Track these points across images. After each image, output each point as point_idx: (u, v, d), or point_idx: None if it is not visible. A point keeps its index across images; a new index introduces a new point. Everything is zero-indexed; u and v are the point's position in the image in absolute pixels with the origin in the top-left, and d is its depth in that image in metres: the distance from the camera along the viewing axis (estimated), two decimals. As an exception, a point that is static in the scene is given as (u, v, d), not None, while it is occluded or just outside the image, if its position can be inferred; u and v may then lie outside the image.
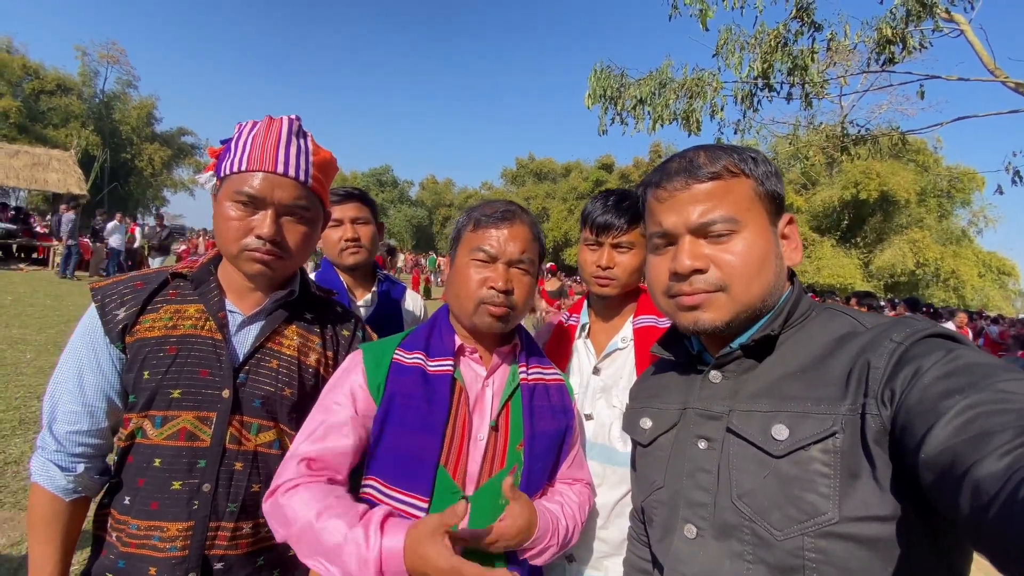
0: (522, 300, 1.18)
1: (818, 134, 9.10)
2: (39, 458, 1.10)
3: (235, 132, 1.19)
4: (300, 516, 0.97)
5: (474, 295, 1.14)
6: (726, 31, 6.86)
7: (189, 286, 1.18)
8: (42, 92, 33.77)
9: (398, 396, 1.11)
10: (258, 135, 1.14)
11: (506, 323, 1.17)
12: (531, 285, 1.20)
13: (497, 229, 1.17)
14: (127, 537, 1.07)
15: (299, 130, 1.20)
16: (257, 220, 1.13)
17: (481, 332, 1.19)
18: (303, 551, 0.97)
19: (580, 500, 1.23)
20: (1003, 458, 0.49)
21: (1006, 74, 6.52)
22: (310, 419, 1.12)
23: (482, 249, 1.16)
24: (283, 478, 1.05)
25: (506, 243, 1.16)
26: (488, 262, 1.16)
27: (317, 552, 0.95)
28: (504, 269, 1.15)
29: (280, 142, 1.15)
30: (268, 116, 1.19)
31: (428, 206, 55.68)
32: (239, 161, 1.13)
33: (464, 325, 1.21)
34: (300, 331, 1.24)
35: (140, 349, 1.10)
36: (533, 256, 1.21)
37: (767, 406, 0.79)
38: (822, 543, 0.69)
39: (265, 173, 1.12)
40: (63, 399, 1.10)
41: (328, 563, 0.94)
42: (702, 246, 0.86)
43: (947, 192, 27.52)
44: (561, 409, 1.24)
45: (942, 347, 0.67)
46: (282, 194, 1.14)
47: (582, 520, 1.21)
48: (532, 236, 1.22)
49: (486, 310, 1.14)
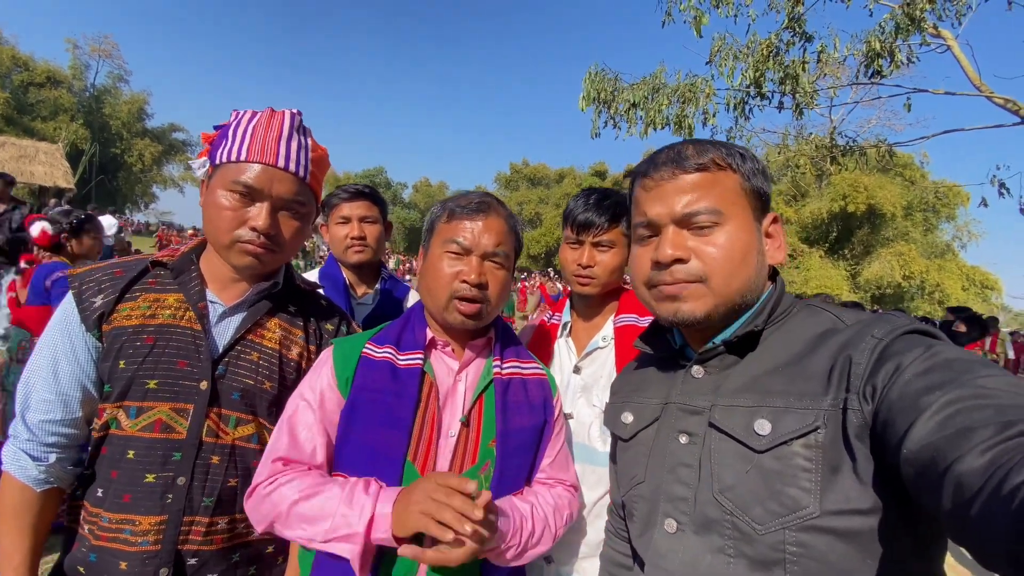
0: (496, 294, 1.15)
1: (808, 144, 9.21)
2: (10, 447, 1.07)
3: (232, 118, 1.17)
4: (286, 498, 0.98)
5: (446, 288, 1.12)
6: (719, 39, 6.93)
7: (169, 275, 1.16)
8: (31, 84, 33.31)
9: (366, 391, 1.09)
10: (259, 126, 1.13)
11: (479, 319, 1.15)
12: (506, 279, 1.18)
13: (471, 221, 1.15)
14: (99, 530, 1.05)
15: (300, 125, 1.19)
16: (253, 212, 1.11)
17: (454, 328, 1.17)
18: (289, 525, 0.98)
19: (557, 503, 1.16)
20: (984, 454, 0.50)
21: (991, 90, 6.64)
22: (284, 416, 1.11)
23: (455, 241, 1.14)
24: (261, 477, 1.04)
25: (480, 235, 1.14)
26: (461, 254, 1.14)
27: (302, 521, 0.96)
28: (478, 262, 1.13)
29: (282, 136, 1.14)
30: (270, 108, 1.17)
31: (421, 208, 55.64)
32: (238, 150, 1.11)
33: (436, 320, 1.19)
34: (282, 324, 1.23)
35: (116, 338, 1.08)
36: (508, 249, 1.19)
37: (749, 401, 0.79)
38: (803, 537, 0.70)
39: (265, 165, 1.11)
40: (37, 387, 1.08)
41: (316, 524, 0.95)
42: (685, 237, 0.86)
43: (933, 207, 27.95)
44: (540, 405, 1.21)
45: (922, 343, 0.68)
46: (281, 188, 1.13)
47: (556, 525, 1.13)
48: (508, 229, 1.19)
49: (456, 307, 1.12)
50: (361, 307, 2.02)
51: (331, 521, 0.94)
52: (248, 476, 1.13)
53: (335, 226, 2.00)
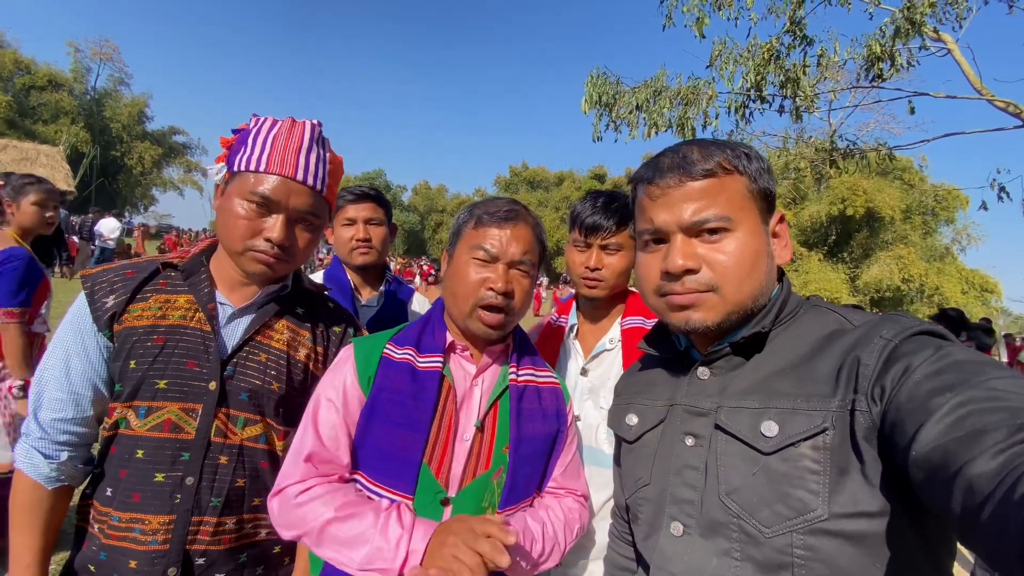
0: (520, 303, 1.16)
1: (808, 147, 9.22)
2: (23, 445, 1.08)
3: (252, 124, 1.17)
4: (320, 515, 0.98)
5: (472, 295, 1.12)
6: (720, 43, 6.95)
7: (179, 276, 1.17)
8: (33, 87, 33.42)
9: (385, 391, 1.09)
10: (279, 136, 1.13)
11: (502, 330, 1.15)
12: (530, 287, 1.18)
13: (500, 229, 1.15)
14: (109, 529, 1.05)
15: (319, 137, 1.19)
16: (269, 223, 1.12)
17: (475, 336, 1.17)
18: (321, 544, 0.98)
19: (567, 518, 1.16)
20: (996, 457, 0.49)
21: (992, 93, 6.65)
22: (307, 414, 1.11)
23: (483, 248, 1.14)
24: (292, 479, 1.05)
25: (508, 243, 1.14)
26: (489, 262, 1.14)
27: (337, 544, 0.97)
28: (504, 270, 1.13)
29: (302, 148, 1.14)
30: (291, 118, 1.18)
31: (421, 211, 55.58)
32: (257, 160, 1.11)
33: (458, 326, 1.19)
34: (291, 325, 1.23)
35: (127, 338, 1.09)
36: (534, 258, 1.19)
37: (756, 403, 0.79)
38: (811, 540, 0.69)
39: (283, 178, 1.11)
40: (49, 386, 1.09)
41: (351, 552, 0.96)
42: (694, 245, 0.85)
43: (932, 210, 27.93)
44: (553, 413, 1.21)
45: (932, 344, 0.67)
46: (298, 201, 1.13)
47: (566, 541, 1.15)
48: (534, 237, 1.19)
49: (480, 316, 1.12)
50: (365, 309, 2.02)
51: (367, 550, 0.95)
52: (256, 476, 1.13)
53: (340, 228, 2.00)
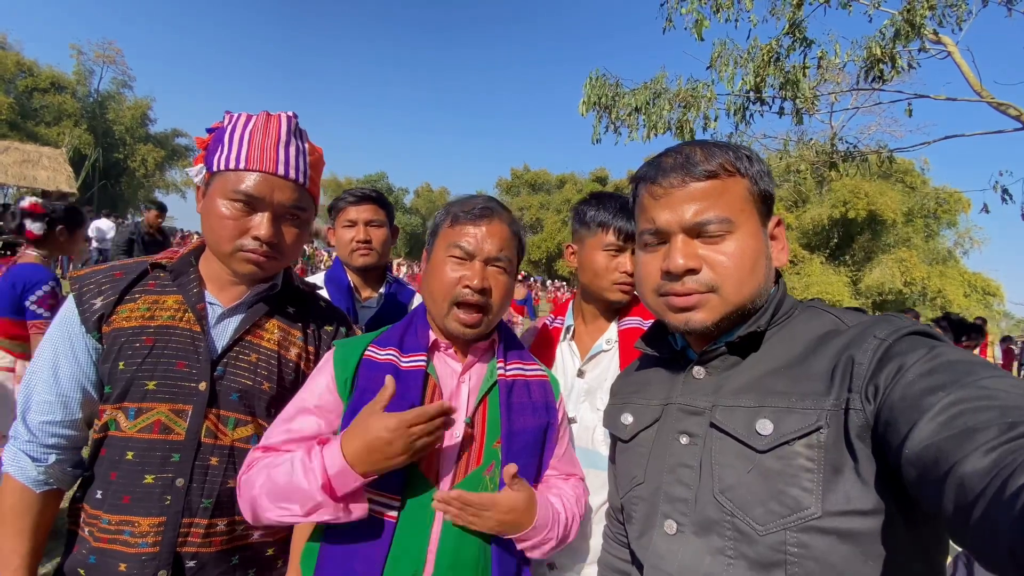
0: (499, 300, 1.16)
1: (808, 149, 9.21)
2: (11, 448, 1.07)
3: (226, 122, 1.15)
4: (260, 474, 1.01)
5: (448, 293, 1.12)
6: (720, 45, 6.94)
7: (168, 277, 1.16)
8: (35, 89, 33.53)
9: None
10: (256, 131, 1.12)
11: (479, 328, 1.14)
12: (509, 284, 1.18)
13: (475, 226, 1.15)
14: (99, 532, 1.05)
15: (297, 128, 1.18)
16: (255, 222, 1.11)
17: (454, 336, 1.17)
18: (267, 506, 0.99)
19: (576, 493, 1.20)
20: (988, 455, 0.49)
21: (992, 95, 6.64)
22: (281, 417, 1.11)
23: (459, 245, 1.14)
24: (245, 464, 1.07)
25: (484, 240, 1.14)
26: (465, 259, 1.14)
27: (278, 498, 0.98)
28: (481, 267, 1.13)
29: (280, 141, 1.12)
30: (265, 112, 1.16)
31: (422, 214, 55.75)
32: (236, 158, 1.10)
33: (437, 325, 1.19)
34: (281, 325, 1.22)
35: (116, 339, 1.08)
36: (511, 255, 1.19)
37: (751, 401, 0.79)
38: (804, 538, 0.69)
39: (265, 174, 1.10)
40: (37, 388, 1.08)
41: (287, 503, 0.97)
42: (695, 246, 0.86)
43: (934, 213, 27.93)
44: (543, 406, 1.21)
45: (925, 344, 0.67)
46: (282, 196, 1.12)
47: (580, 514, 1.18)
48: (511, 234, 1.19)
49: (456, 315, 1.12)
50: (365, 310, 2.02)
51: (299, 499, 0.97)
52: None
53: (341, 229, 2.00)
